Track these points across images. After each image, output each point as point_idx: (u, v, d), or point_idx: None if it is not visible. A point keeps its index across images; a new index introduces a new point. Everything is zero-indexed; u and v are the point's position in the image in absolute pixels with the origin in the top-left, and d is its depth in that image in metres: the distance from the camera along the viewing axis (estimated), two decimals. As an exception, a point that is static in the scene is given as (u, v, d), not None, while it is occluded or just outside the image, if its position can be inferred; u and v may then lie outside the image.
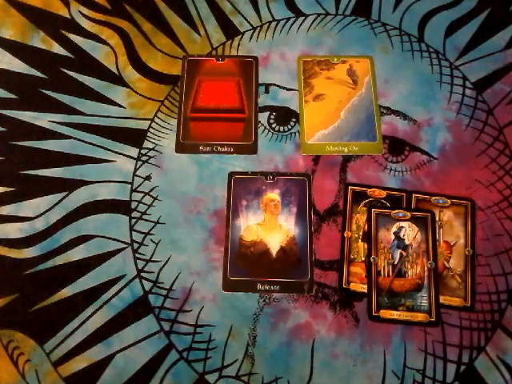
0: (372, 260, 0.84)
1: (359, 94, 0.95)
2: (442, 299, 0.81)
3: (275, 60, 0.98)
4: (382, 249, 0.84)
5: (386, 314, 0.81)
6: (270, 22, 1.01)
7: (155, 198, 0.88)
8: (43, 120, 0.93)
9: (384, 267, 0.83)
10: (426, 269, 0.83)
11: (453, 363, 0.78)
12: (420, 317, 0.80)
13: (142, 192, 0.88)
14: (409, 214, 0.86)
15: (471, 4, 1.03)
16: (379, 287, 0.82)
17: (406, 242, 0.85)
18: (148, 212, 0.87)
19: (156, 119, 0.94)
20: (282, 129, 0.93)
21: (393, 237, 0.85)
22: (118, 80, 0.97)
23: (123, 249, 0.85)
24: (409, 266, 0.83)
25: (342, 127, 0.92)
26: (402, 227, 0.85)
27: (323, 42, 0.99)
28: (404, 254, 0.84)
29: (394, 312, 0.81)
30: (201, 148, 0.91)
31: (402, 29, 1.00)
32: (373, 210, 0.87)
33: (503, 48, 0.98)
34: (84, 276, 0.83)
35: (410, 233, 0.85)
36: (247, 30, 1.01)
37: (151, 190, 0.89)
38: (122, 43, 0.99)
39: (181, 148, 0.92)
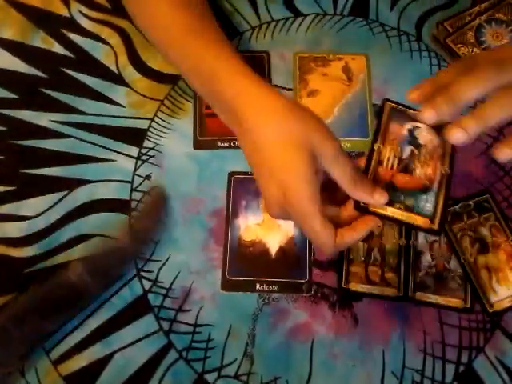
0: (376, 147, 0.73)
1: (353, 91, 0.95)
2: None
3: (275, 60, 0.98)
4: (390, 140, 0.74)
5: (377, 207, 0.71)
6: (268, 23, 1.01)
7: (155, 198, 0.88)
8: (43, 119, 0.93)
9: (389, 158, 0.73)
10: (438, 173, 0.73)
11: (452, 363, 0.78)
12: (419, 220, 0.70)
13: (142, 191, 0.89)
14: None
15: (466, 4, 1.03)
16: (377, 178, 0.72)
17: (421, 141, 0.74)
18: (148, 211, 0.87)
19: (156, 118, 0.94)
20: (281, 129, 0.93)
21: (406, 132, 0.74)
22: (118, 79, 0.97)
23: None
24: (418, 165, 0.73)
25: (336, 123, 0.93)
26: (418, 127, 0.74)
27: (322, 42, 1.00)
28: (416, 152, 0.73)
29: (389, 208, 0.70)
30: (218, 144, 0.92)
31: (400, 28, 1.01)
32: (387, 102, 0.76)
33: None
34: (83, 275, 0.84)
35: (427, 135, 0.74)
36: (246, 30, 1.01)
37: (151, 189, 0.89)
38: (122, 42, 0.99)
39: (198, 145, 0.92)
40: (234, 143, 0.91)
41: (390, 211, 0.70)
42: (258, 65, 0.98)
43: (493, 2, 1.00)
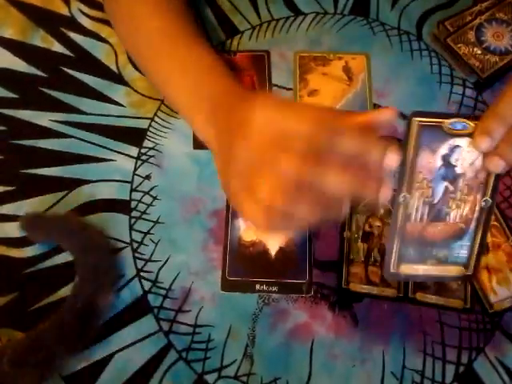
0: (402, 199, 0.63)
1: (354, 91, 0.95)
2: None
3: (275, 59, 0.98)
4: (419, 182, 0.62)
5: (409, 269, 0.66)
6: (269, 22, 1.01)
7: (155, 198, 0.88)
8: (43, 119, 0.93)
9: (417, 208, 0.63)
10: (476, 209, 0.63)
11: (452, 364, 0.78)
12: (453, 271, 0.65)
13: (142, 191, 0.88)
14: (472, 126, 0.61)
15: (467, 3, 1.02)
16: (405, 236, 0.64)
17: (459, 170, 0.62)
18: (147, 211, 0.87)
19: (156, 118, 0.94)
20: (281, 128, 0.92)
21: (440, 162, 0.62)
22: (118, 79, 0.97)
23: (122, 248, 0.85)
24: (454, 205, 0.63)
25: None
26: (458, 147, 0.61)
27: (322, 41, 0.99)
28: (451, 188, 0.62)
29: (420, 267, 0.65)
30: None
31: (400, 28, 1.01)
32: (415, 119, 0.61)
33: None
34: (83, 275, 0.84)
35: (468, 156, 0.61)
36: (246, 30, 1.01)
37: (151, 189, 0.89)
38: (122, 42, 0.99)
39: (198, 144, 0.91)
40: (234, 143, 0.91)
41: (422, 270, 0.66)
42: (258, 64, 0.98)
43: (493, 2, 1.00)
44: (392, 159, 0.58)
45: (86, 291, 0.78)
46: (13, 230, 0.85)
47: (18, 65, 0.97)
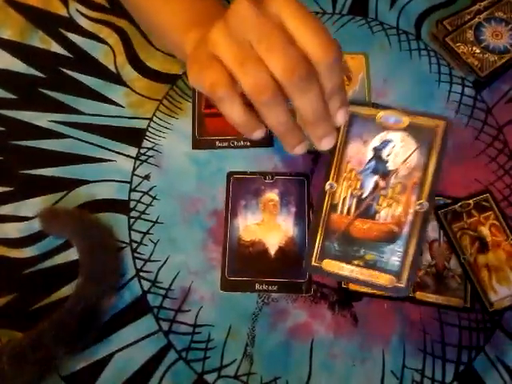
0: (328, 187, 0.63)
1: (353, 91, 0.95)
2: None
3: (274, 59, 0.98)
4: (347, 172, 0.62)
5: (332, 266, 0.63)
6: (268, 21, 1.01)
7: (154, 198, 0.88)
8: (42, 119, 0.93)
9: (344, 200, 0.62)
10: (410, 211, 0.61)
11: (452, 363, 0.78)
12: (382, 279, 0.61)
13: (141, 191, 0.88)
14: (407, 121, 0.62)
15: (466, 2, 1.02)
16: (329, 228, 0.62)
17: (391, 165, 0.61)
18: (147, 211, 0.87)
19: (155, 118, 0.93)
20: (280, 128, 0.92)
21: (371, 155, 0.62)
22: (116, 79, 0.96)
23: (122, 248, 0.85)
24: (384, 203, 0.61)
25: (334, 123, 0.92)
26: (389, 142, 0.61)
27: (322, 41, 0.99)
28: (382, 184, 0.61)
29: (345, 266, 0.62)
30: (217, 143, 0.91)
31: (399, 27, 1.00)
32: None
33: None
34: (83, 275, 0.83)
35: (401, 151, 0.61)
36: (246, 29, 1.00)
37: (150, 189, 0.88)
38: (121, 42, 0.99)
39: (197, 145, 0.92)
40: (233, 143, 0.91)
41: (347, 270, 0.63)
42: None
43: (492, 1, 1.00)
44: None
45: (90, 293, 0.78)
46: (12, 230, 0.86)
47: (17, 66, 0.97)
